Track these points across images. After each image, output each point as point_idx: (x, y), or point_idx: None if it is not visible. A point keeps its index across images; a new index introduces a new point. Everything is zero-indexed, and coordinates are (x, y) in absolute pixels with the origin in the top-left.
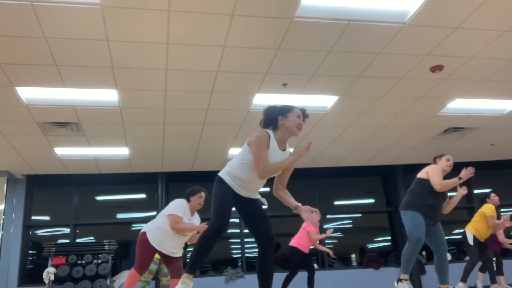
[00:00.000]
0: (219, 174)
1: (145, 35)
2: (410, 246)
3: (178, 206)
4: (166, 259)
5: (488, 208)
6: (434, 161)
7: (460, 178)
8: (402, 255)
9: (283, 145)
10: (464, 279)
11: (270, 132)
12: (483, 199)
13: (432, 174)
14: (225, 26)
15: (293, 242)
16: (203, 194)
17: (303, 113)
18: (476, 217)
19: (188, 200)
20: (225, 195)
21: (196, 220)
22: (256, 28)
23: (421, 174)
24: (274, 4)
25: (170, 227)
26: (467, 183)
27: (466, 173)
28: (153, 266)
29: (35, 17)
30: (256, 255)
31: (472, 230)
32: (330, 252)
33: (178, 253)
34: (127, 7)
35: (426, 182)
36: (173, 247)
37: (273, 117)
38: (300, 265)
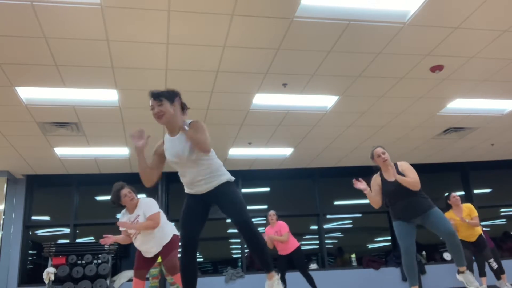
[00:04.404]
0: (228, 176)
1: (145, 35)
2: (402, 258)
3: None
4: (161, 256)
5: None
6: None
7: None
8: (403, 268)
9: (173, 132)
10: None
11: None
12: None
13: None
14: (225, 26)
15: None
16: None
17: (152, 97)
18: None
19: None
20: None
21: (137, 215)
22: (256, 28)
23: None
24: (274, 4)
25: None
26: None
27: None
28: (152, 271)
29: (35, 17)
30: None
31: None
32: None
33: (148, 252)
34: (127, 7)
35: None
36: (145, 247)
37: None
38: (286, 269)
